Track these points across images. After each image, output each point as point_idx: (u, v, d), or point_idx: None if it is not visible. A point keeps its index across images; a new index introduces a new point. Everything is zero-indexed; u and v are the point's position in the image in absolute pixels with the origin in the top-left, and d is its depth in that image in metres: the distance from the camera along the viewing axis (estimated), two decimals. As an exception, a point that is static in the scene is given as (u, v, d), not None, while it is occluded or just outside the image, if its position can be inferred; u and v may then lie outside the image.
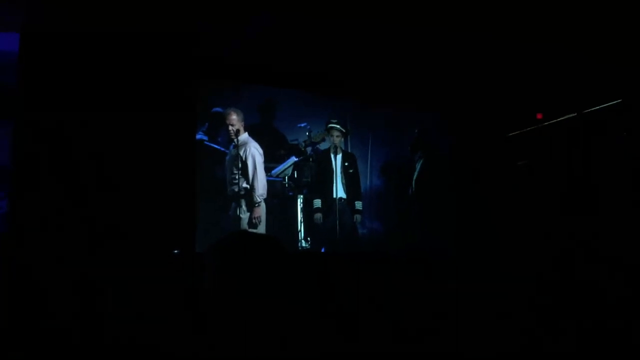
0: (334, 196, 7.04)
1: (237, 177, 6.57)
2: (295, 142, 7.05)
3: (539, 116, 7.33)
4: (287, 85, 6.89)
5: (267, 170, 6.73)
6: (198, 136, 6.55)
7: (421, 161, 7.54)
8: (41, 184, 5.47)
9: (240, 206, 6.58)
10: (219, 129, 6.65)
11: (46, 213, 5.38)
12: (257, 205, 6.54)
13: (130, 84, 5.81)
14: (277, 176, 6.89)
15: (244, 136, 6.61)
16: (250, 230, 6.42)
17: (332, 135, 7.08)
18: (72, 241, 5.27)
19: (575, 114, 6.74)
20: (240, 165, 6.56)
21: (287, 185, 6.95)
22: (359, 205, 7.13)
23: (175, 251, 5.90)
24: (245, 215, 6.55)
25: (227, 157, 6.64)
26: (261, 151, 6.66)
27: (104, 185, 5.56)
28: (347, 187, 7.10)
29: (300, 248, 6.85)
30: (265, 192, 6.63)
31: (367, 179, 7.33)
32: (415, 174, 7.52)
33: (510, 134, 7.64)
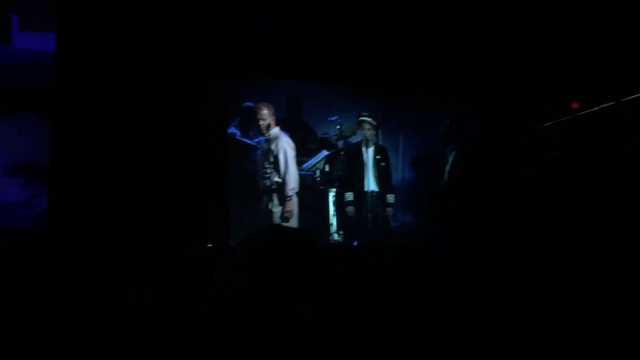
0: (366, 189, 7.02)
1: (268, 171, 6.60)
2: (326, 136, 7.05)
3: (575, 105, 7.16)
4: (316, 79, 6.89)
5: (299, 164, 6.74)
6: (229, 131, 6.60)
7: (454, 153, 7.46)
8: (78, 182, 5.59)
9: (272, 200, 6.62)
10: (250, 123, 6.69)
11: (83, 210, 5.50)
12: (289, 199, 6.57)
13: (163, 81, 5.89)
14: (309, 170, 6.91)
15: (275, 130, 6.63)
16: (283, 224, 6.46)
17: (363, 128, 7.06)
18: (108, 237, 5.38)
19: (614, 103, 6.57)
20: (271, 159, 6.59)
21: (318, 178, 6.96)
22: (390, 198, 7.10)
23: (209, 245, 5.97)
24: (277, 209, 6.58)
25: (259, 152, 6.68)
26: (293, 145, 6.67)
27: (139, 182, 5.66)
28: (379, 180, 7.07)
29: (332, 241, 6.86)
30: (298, 186, 6.65)
31: (399, 172, 7.29)
32: (448, 166, 7.44)
33: (545, 124, 7.49)
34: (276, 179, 6.59)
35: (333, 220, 6.91)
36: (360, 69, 6.89)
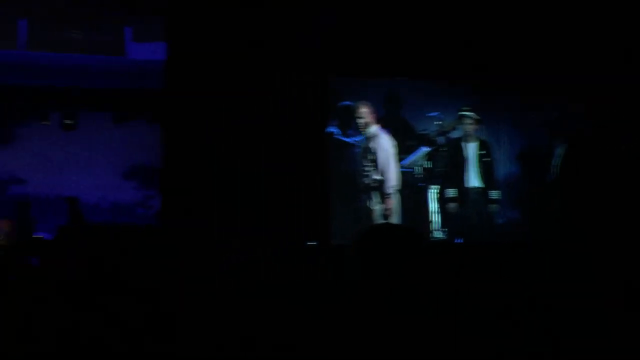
0: (468, 185, 6.85)
1: (368, 169, 6.62)
2: (425, 132, 6.95)
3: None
4: (415, 75, 6.81)
5: (398, 161, 6.70)
6: (328, 130, 6.68)
7: (561, 147, 7.11)
8: (189, 183, 5.88)
9: (372, 198, 6.62)
10: (349, 122, 6.73)
11: (194, 209, 5.78)
12: (389, 196, 6.55)
13: (265, 84, 6.06)
14: (408, 167, 6.85)
15: (374, 128, 6.64)
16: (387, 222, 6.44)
17: (464, 123, 6.89)
18: (217, 236, 5.61)
19: None
20: (371, 157, 6.60)
21: (418, 175, 6.88)
22: (495, 194, 6.88)
23: (311, 243, 6.07)
24: (377, 207, 6.58)
25: (358, 150, 6.71)
26: (392, 142, 6.64)
27: (245, 182, 5.86)
28: (482, 176, 6.87)
29: (433, 238, 6.76)
30: (398, 183, 6.62)
31: (504, 167, 7.05)
32: (556, 160, 7.11)
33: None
34: (376, 176, 6.59)
35: (434, 218, 6.81)
36: (458, 63, 6.73)
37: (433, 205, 6.84)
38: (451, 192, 6.82)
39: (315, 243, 5.96)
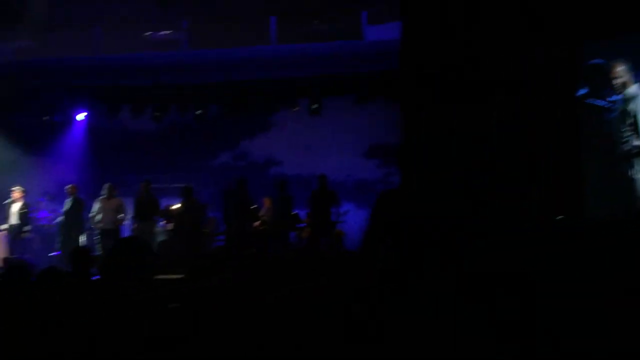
0: None
1: (627, 134, 5.92)
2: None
3: None
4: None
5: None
6: (579, 93, 6.13)
7: None
8: (427, 160, 5.90)
9: (633, 166, 5.92)
10: (602, 83, 6.09)
11: (432, 186, 5.79)
12: (654, 164, 5.79)
13: (505, 53, 5.76)
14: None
15: (634, 88, 5.89)
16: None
17: None
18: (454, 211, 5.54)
19: None
20: (630, 121, 5.89)
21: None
22: None
23: (560, 217, 5.67)
24: (640, 176, 5.87)
25: (614, 114, 6.04)
26: (656, 103, 5.84)
27: (483, 153, 5.67)
28: None
29: None
30: (665, 149, 5.80)
31: None
32: None
33: None
34: (637, 142, 5.87)
35: None
36: None
37: None
38: None
39: (565, 217, 5.55)
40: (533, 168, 5.75)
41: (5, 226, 8.40)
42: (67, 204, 8.34)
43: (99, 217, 8.24)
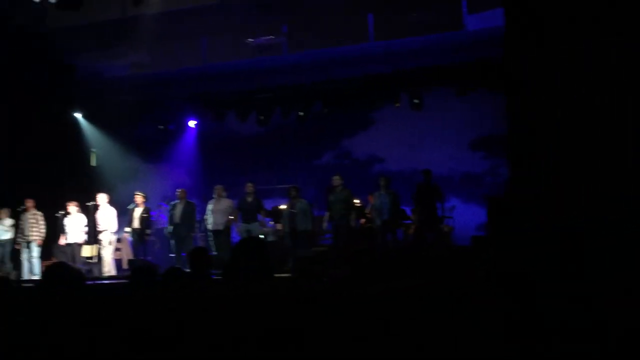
0: None
1: None
2: None
3: None
4: None
5: None
6: None
7: None
8: (536, 150, 5.65)
9: None
10: None
11: (542, 177, 5.53)
12: None
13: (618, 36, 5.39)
14: None
15: None
16: None
17: None
18: (565, 204, 5.26)
19: None
20: None
21: None
22: None
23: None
24: None
25: None
26: None
27: (594, 144, 5.34)
28: None
29: None
30: None
31: None
32: None
33: None
34: None
35: None
36: None
37: None
38: None
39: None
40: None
41: (128, 230, 9.00)
42: (178, 207, 8.75)
43: (210, 218, 8.62)
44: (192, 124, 11.35)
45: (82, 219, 8.96)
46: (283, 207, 8.69)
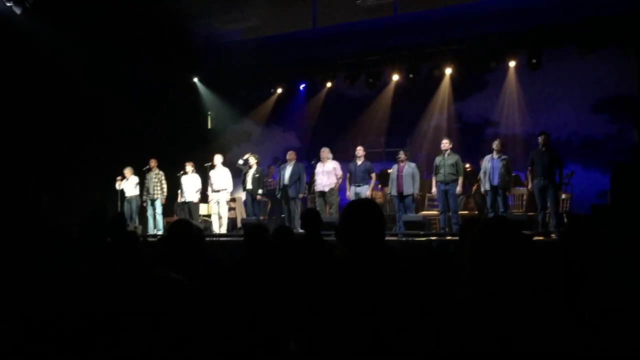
0: None
1: None
2: None
3: None
4: None
5: None
6: None
7: None
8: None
9: None
10: None
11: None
12: None
13: None
14: None
15: None
16: None
17: None
18: None
19: None
20: None
21: None
22: None
23: None
24: None
25: None
26: None
27: None
28: None
29: None
30: None
31: None
32: None
33: None
34: None
35: None
36: None
37: None
38: None
39: None
40: None
41: (242, 192, 9.37)
42: (288, 169, 8.94)
43: (316, 179, 8.76)
44: (302, 87, 11.52)
45: (198, 179, 9.44)
46: (391, 170, 8.64)
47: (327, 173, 8.67)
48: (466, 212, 8.74)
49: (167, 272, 0.56)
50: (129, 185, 9.54)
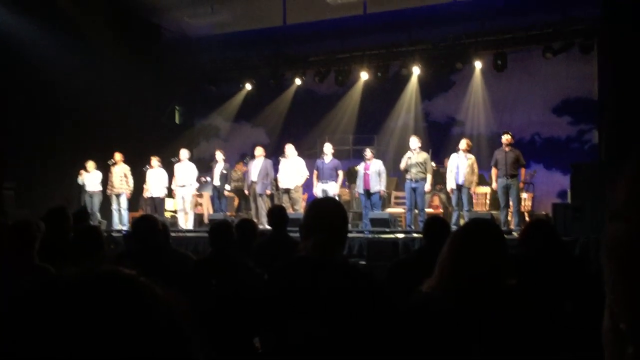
0: None
1: None
2: None
3: None
4: None
5: None
6: None
7: None
8: (626, 117, 5.38)
9: None
10: None
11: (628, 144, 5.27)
12: None
13: None
14: None
15: None
16: None
17: None
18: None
19: None
20: None
21: None
22: None
23: None
24: None
25: None
26: None
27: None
28: None
29: None
30: None
31: None
32: None
33: None
34: None
35: None
36: None
37: None
38: None
39: None
40: None
41: (209, 187, 9.32)
42: (255, 165, 8.89)
43: (279, 176, 8.74)
44: (272, 83, 11.50)
45: (164, 174, 9.33)
46: (358, 168, 8.69)
47: (291, 170, 8.67)
48: (430, 210, 8.85)
49: (115, 268, 0.55)
50: (91, 179, 9.33)
